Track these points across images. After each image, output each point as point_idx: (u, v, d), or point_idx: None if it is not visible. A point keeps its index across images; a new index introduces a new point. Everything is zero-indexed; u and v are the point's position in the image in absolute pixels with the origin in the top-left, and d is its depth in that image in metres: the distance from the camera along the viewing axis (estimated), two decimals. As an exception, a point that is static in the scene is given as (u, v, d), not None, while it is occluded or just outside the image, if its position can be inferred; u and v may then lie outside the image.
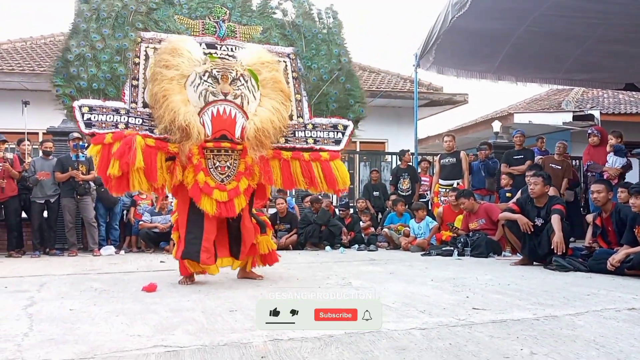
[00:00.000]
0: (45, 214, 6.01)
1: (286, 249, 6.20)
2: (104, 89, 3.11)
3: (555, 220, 3.99)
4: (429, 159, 7.96)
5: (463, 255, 5.07)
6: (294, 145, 3.37)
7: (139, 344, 1.75)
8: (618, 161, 5.62)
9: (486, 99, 29.93)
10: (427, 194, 7.30)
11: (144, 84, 3.20)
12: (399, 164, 7.67)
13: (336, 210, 7.11)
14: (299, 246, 6.40)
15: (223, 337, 1.83)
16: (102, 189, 5.87)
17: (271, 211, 6.76)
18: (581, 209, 7.42)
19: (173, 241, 3.54)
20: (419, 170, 7.65)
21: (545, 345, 1.71)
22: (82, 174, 5.89)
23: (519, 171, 6.36)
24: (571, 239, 4.63)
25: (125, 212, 6.69)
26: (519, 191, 5.64)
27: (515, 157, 6.71)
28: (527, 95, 14.45)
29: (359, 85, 3.77)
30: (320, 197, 6.64)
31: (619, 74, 8.42)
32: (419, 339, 1.79)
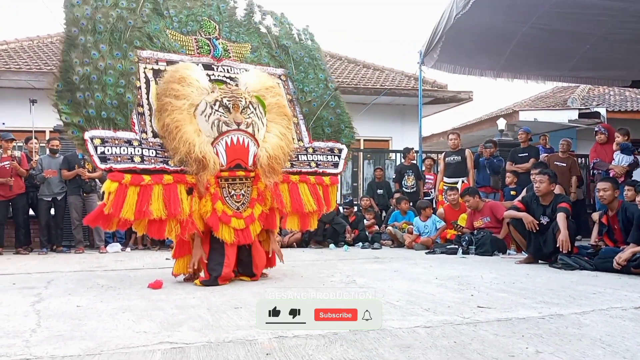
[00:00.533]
0: (53, 211, 6.07)
1: (290, 247, 6.21)
2: (113, 118, 2.93)
3: (561, 218, 3.97)
4: (433, 157, 7.95)
5: (468, 254, 5.06)
6: (300, 170, 3.47)
7: (145, 340, 1.77)
8: (625, 159, 5.58)
9: (491, 96, 29.78)
10: (431, 192, 7.29)
11: (150, 110, 3.11)
12: (402, 161, 7.68)
13: (340, 208, 7.11)
14: (303, 244, 6.41)
15: (228, 334, 1.84)
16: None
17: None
18: (586, 207, 7.38)
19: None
20: (422, 168, 7.65)
21: (551, 344, 1.71)
22: (89, 171, 5.93)
23: (524, 169, 6.34)
24: (577, 237, 4.61)
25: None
26: (524, 189, 5.62)
27: (521, 155, 6.68)
28: (533, 93, 14.36)
29: (345, 109, 3.86)
30: None
31: (625, 72, 8.36)
32: (424, 337, 1.80)
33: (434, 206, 6.69)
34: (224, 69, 3.48)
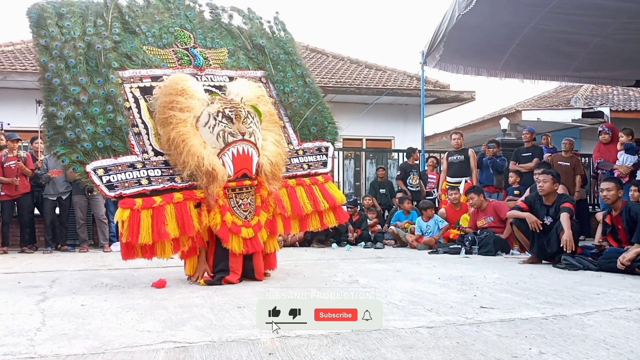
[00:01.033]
0: (57, 210, 6.12)
1: (293, 246, 6.22)
2: (110, 145, 2.91)
3: (565, 218, 3.96)
4: (436, 157, 7.95)
5: (470, 254, 5.05)
6: (295, 173, 3.48)
7: (148, 339, 1.78)
8: (629, 159, 5.56)
9: (494, 96, 29.68)
10: (434, 191, 7.29)
11: (145, 129, 3.07)
12: (406, 160, 7.71)
13: (343, 207, 7.10)
14: (305, 243, 6.41)
15: (231, 333, 1.85)
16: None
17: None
18: (589, 206, 7.36)
19: None
20: (425, 167, 7.66)
21: (554, 345, 1.70)
22: (80, 182, 5.95)
23: (527, 168, 6.32)
24: (580, 237, 4.59)
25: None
26: (528, 189, 5.60)
27: (524, 155, 6.67)
28: (536, 92, 14.29)
29: (326, 104, 3.84)
30: None
31: (629, 71, 8.32)
32: (426, 338, 1.80)
33: (436, 206, 6.69)
34: (208, 78, 3.45)
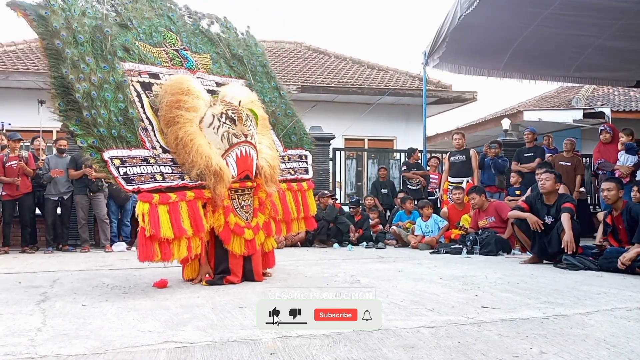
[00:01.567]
0: (59, 210, 6.12)
1: (294, 246, 6.22)
2: (125, 135, 2.80)
3: (565, 218, 3.95)
4: (437, 157, 7.97)
5: (472, 253, 5.05)
6: (286, 177, 3.54)
7: (150, 339, 1.78)
8: (630, 159, 5.56)
9: (495, 96, 29.67)
10: (435, 191, 7.29)
11: (150, 125, 3.01)
12: (407, 160, 7.74)
13: (344, 207, 7.12)
14: (307, 243, 6.41)
15: (232, 333, 1.85)
16: (114, 186, 5.94)
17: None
18: (588, 206, 7.35)
19: None
20: (427, 168, 7.67)
21: (555, 345, 1.70)
22: (95, 171, 5.97)
23: (529, 169, 6.31)
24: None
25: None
26: (529, 189, 5.59)
27: (526, 155, 6.67)
28: (537, 93, 14.30)
29: (299, 117, 3.92)
30: (326, 192, 6.68)
31: (630, 72, 8.32)
32: (428, 337, 1.80)
33: (438, 206, 6.68)
34: (199, 81, 3.42)
